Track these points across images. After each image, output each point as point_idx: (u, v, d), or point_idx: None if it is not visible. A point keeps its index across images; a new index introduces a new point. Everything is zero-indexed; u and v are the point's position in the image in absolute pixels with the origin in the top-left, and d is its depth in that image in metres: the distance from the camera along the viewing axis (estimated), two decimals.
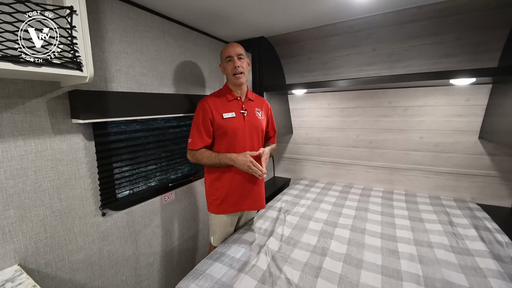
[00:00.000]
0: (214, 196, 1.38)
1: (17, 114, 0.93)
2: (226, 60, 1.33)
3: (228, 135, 1.31)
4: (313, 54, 2.11)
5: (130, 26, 1.28)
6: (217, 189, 1.37)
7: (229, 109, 1.34)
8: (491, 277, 1.05)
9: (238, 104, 1.38)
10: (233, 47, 1.33)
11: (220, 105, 1.34)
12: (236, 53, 1.31)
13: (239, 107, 1.37)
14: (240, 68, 1.31)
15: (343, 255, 1.26)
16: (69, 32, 0.84)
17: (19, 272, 0.90)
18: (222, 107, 1.34)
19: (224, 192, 1.36)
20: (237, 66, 1.31)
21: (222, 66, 1.38)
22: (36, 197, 1.00)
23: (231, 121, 1.32)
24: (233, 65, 1.31)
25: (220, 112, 1.32)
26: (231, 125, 1.31)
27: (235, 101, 1.38)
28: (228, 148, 1.32)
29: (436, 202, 1.85)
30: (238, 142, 1.33)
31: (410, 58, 1.81)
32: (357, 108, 2.22)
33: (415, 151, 2.04)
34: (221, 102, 1.35)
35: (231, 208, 1.38)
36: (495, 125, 1.63)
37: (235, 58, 1.31)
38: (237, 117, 1.34)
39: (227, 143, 1.32)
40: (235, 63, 1.31)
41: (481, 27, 1.53)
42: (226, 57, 1.32)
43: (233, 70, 1.32)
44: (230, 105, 1.36)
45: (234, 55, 1.31)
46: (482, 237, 1.36)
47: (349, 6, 1.41)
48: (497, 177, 1.80)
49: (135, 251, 1.40)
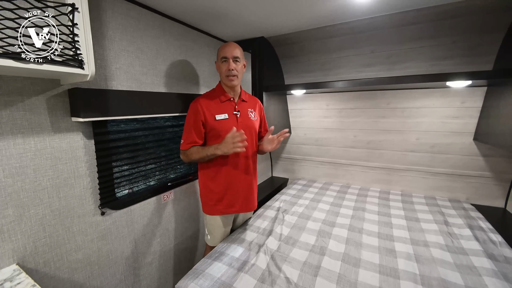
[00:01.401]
0: (207, 197, 1.39)
1: (16, 112, 0.92)
2: (221, 60, 1.32)
3: (222, 137, 1.28)
4: (313, 55, 2.13)
5: (131, 24, 1.27)
6: (211, 190, 1.37)
7: (222, 111, 1.33)
8: (486, 276, 1.08)
9: (231, 105, 1.37)
10: (230, 48, 1.30)
11: (213, 106, 1.33)
12: (232, 55, 1.29)
13: (232, 108, 1.36)
14: (233, 71, 1.30)
15: (342, 254, 1.27)
16: (71, 30, 0.83)
17: (18, 271, 0.89)
18: (215, 108, 1.33)
19: (218, 193, 1.37)
20: (231, 69, 1.29)
21: (217, 64, 1.37)
22: (35, 195, 0.99)
23: (224, 123, 1.31)
24: (228, 67, 1.29)
25: (212, 113, 1.31)
26: (224, 127, 1.30)
27: (228, 102, 1.37)
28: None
29: (431, 202, 1.88)
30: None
31: (408, 60, 1.83)
32: (355, 109, 2.24)
33: (412, 152, 2.07)
34: (214, 103, 1.34)
35: (224, 209, 1.39)
36: (489, 127, 1.67)
37: (230, 61, 1.29)
38: (230, 118, 1.34)
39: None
40: (230, 65, 1.29)
41: (477, 30, 1.56)
42: (222, 57, 1.31)
43: (226, 72, 1.30)
44: (223, 106, 1.35)
45: (230, 57, 1.29)
46: (477, 236, 1.39)
47: (349, 8, 1.42)
48: (491, 178, 1.84)
49: (134, 250, 1.40)
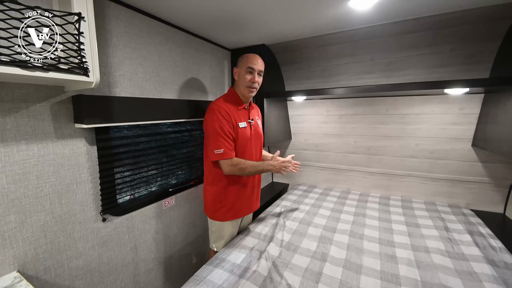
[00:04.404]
0: (220, 204, 1.38)
1: (20, 118, 0.93)
2: (247, 70, 1.32)
3: (239, 144, 1.32)
4: (313, 62, 2.15)
5: (135, 32, 1.29)
6: (225, 197, 1.38)
7: (241, 118, 1.36)
8: (486, 282, 1.08)
9: (246, 113, 1.41)
10: (258, 62, 1.32)
11: (234, 112, 1.34)
12: (259, 68, 1.32)
13: (246, 116, 1.40)
14: (256, 85, 1.34)
15: (343, 260, 1.27)
16: (77, 38, 0.85)
17: (19, 278, 0.88)
18: (236, 115, 1.34)
19: (232, 200, 1.38)
20: (254, 82, 1.32)
21: (239, 71, 1.36)
22: (37, 202, 0.99)
23: (243, 131, 1.34)
24: (252, 79, 1.32)
25: (237, 119, 1.33)
26: (243, 135, 1.33)
27: (243, 110, 1.40)
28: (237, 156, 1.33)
29: (431, 208, 1.89)
30: (247, 152, 1.36)
31: (407, 67, 1.86)
32: (355, 115, 2.26)
33: (412, 158, 2.08)
34: (234, 109, 1.35)
35: (236, 214, 1.41)
36: (487, 133, 1.69)
37: (256, 73, 1.32)
38: (246, 126, 1.37)
39: (238, 153, 1.33)
40: (255, 78, 1.32)
41: (475, 39, 1.59)
42: (248, 67, 1.31)
43: (249, 83, 1.33)
44: (240, 114, 1.37)
45: (256, 70, 1.32)
46: (477, 242, 1.39)
47: (349, 16, 1.45)
48: (490, 183, 1.85)
49: (135, 257, 1.39)
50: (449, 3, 1.30)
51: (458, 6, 1.34)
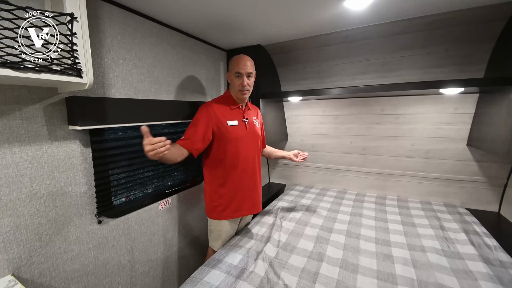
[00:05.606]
0: (217, 202, 1.39)
1: (13, 121, 0.92)
2: (235, 75, 1.34)
3: (231, 142, 1.33)
4: (309, 63, 2.16)
5: (129, 32, 1.29)
6: (220, 196, 1.38)
7: (232, 117, 1.37)
8: (482, 280, 1.09)
9: (239, 112, 1.41)
10: (244, 64, 1.33)
11: (224, 112, 1.36)
12: (246, 71, 1.33)
13: (241, 116, 1.41)
14: (247, 87, 1.35)
15: (339, 260, 1.27)
16: (69, 39, 0.84)
17: (13, 282, 0.87)
18: (226, 114, 1.36)
19: (227, 199, 1.38)
20: (244, 85, 1.34)
21: (230, 77, 1.39)
22: (31, 205, 0.98)
23: (234, 129, 1.35)
24: (241, 82, 1.33)
25: (225, 118, 1.34)
26: (234, 133, 1.34)
27: (237, 109, 1.41)
28: (232, 155, 1.35)
29: (427, 207, 1.90)
30: (241, 150, 1.36)
31: (402, 68, 1.87)
32: (350, 116, 2.27)
33: (407, 158, 2.10)
34: (224, 109, 1.37)
35: (233, 213, 1.41)
36: (482, 133, 1.70)
37: (244, 77, 1.33)
38: (239, 125, 1.38)
39: (231, 151, 1.34)
40: (244, 81, 1.33)
41: (468, 40, 1.60)
42: (236, 72, 1.33)
43: (240, 87, 1.35)
44: (233, 113, 1.39)
45: (244, 73, 1.32)
46: (472, 241, 1.40)
47: (344, 17, 1.46)
48: (485, 182, 1.87)
49: (131, 259, 1.38)
50: (442, 3, 1.31)
51: (449, 7, 1.36)
